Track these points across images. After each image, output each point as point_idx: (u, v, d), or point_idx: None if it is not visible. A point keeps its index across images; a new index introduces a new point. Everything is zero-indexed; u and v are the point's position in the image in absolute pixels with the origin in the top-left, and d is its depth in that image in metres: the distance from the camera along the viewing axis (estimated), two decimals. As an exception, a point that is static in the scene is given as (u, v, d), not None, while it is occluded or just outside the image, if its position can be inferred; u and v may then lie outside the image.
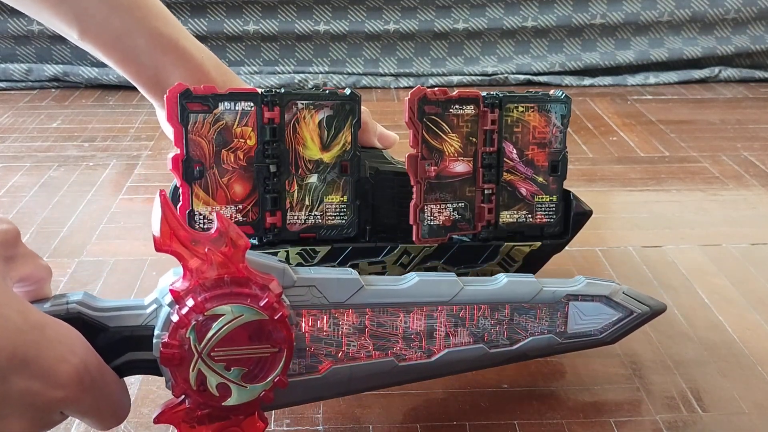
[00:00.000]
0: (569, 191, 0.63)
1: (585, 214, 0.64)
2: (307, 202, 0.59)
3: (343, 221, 0.60)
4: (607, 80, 1.38)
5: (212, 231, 0.43)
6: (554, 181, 0.62)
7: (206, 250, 0.43)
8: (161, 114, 0.64)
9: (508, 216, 0.62)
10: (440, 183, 0.59)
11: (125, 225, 0.83)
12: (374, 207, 0.61)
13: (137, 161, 1.01)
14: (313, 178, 0.59)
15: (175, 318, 0.43)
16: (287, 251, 0.59)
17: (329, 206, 0.59)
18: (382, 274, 0.61)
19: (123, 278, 0.72)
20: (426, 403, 0.55)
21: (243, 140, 0.57)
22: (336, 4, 1.37)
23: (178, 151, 0.57)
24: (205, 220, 0.58)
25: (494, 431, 0.53)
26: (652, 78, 1.39)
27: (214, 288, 0.43)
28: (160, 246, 0.42)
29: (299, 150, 0.58)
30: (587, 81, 1.38)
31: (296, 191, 0.59)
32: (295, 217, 0.59)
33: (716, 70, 1.40)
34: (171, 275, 0.45)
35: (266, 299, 0.43)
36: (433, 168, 0.58)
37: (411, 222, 0.59)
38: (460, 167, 0.60)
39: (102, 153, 1.04)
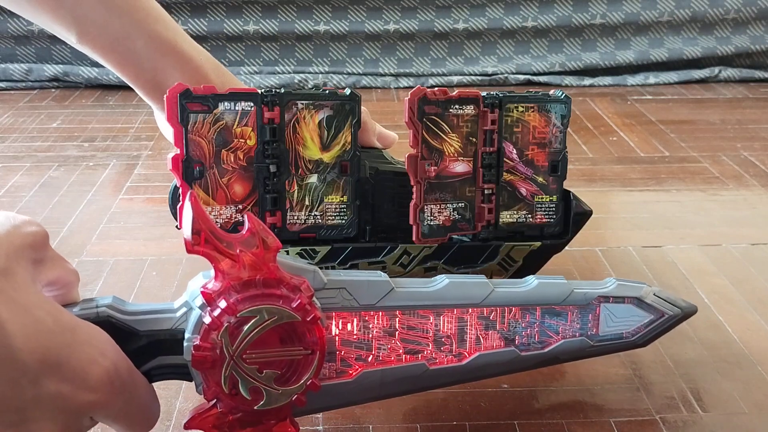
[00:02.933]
0: (569, 191, 0.63)
1: (585, 214, 0.64)
2: (307, 202, 0.59)
3: (343, 221, 0.60)
4: (607, 80, 1.38)
5: (243, 232, 0.43)
6: (554, 181, 0.62)
7: (237, 251, 0.42)
8: (160, 117, 0.64)
9: (508, 216, 0.62)
10: (440, 183, 0.59)
11: (125, 225, 0.83)
12: (374, 207, 0.61)
13: (137, 161, 1.01)
14: (313, 178, 0.59)
15: (207, 320, 0.42)
16: (287, 251, 0.59)
17: (329, 206, 0.59)
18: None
19: (123, 278, 0.72)
20: (426, 403, 0.55)
21: (243, 140, 0.57)
22: (336, 4, 1.37)
23: (178, 151, 0.57)
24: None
25: (494, 431, 0.53)
26: (652, 78, 1.39)
27: (246, 289, 0.42)
28: (191, 248, 0.41)
29: (299, 150, 0.58)
30: (587, 81, 1.38)
31: (296, 191, 0.59)
32: (295, 217, 0.59)
33: (716, 70, 1.40)
34: (201, 278, 0.44)
35: (298, 300, 0.43)
36: (433, 168, 0.58)
37: (411, 222, 0.59)
38: (460, 167, 0.60)
39: (102, 153, 1.04)
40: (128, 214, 0.86)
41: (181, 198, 0.58)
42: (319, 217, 0.59)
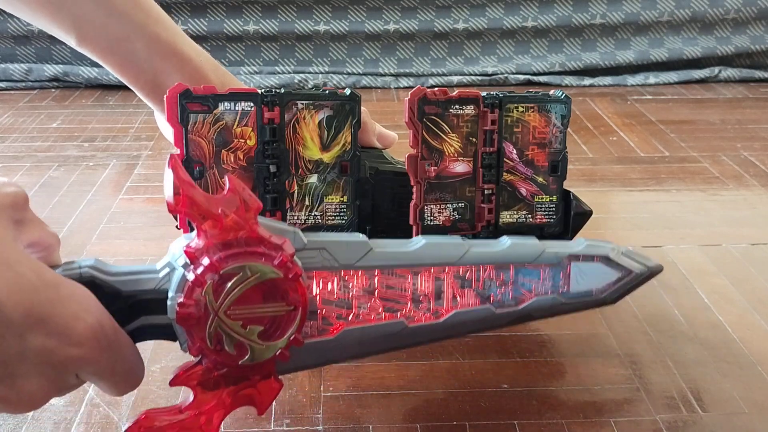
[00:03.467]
0: (569, 191, 0.63)
1: (585, 214, 0.64)
2: (307, 203, 0.59)
3: (343, 221, 0.60)
4: (607, 80, 1.38)
5: (224, 192, 0.43)
6: (554, 181, 0.62)
7: (219, 211, 0.43)
8: (160, 118, 0.64)
9: (508, 216, 0.62)
10: (440, 183, 0.59)
11: (125, 225, 0.83)
12: (374, 207, 0.61)
13: (137, 161, 1.01)
14: (313, 178, 0.59)
15: (191, 277, 0.43)
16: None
17: (329, 206, 0.59)
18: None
19: (123, 278, 0.72)
20: (426, 403, 0.55)
21: (243, 140, 0.57)
22: (336, 4, 1.37)
23: (178, 152, 0.57)
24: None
25: (494, 431, 0.53)
26: (652, 78, 1.39)
27: (229, 248, 0.43)
28: (173, 208, 0.42)
29: (299, 150, 0.58)
30: (587, 81, 1.38)
31: (296, 191, 0.59)
32: (295, 218, 0.59)
33: (716, 70, 1.40)
34: (182, 240, 0.45)
35: (280, 258, 0.44)
36: (433, 168, 0.58)
37: (411, 222, 0.59)
38: (460, 167, 0.60)
39: (102, 153, 1.04)
40: (128, 214, 0.86)
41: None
42: (319, 217, 0.59)
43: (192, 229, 0.56)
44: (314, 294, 0.48)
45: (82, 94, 1.32)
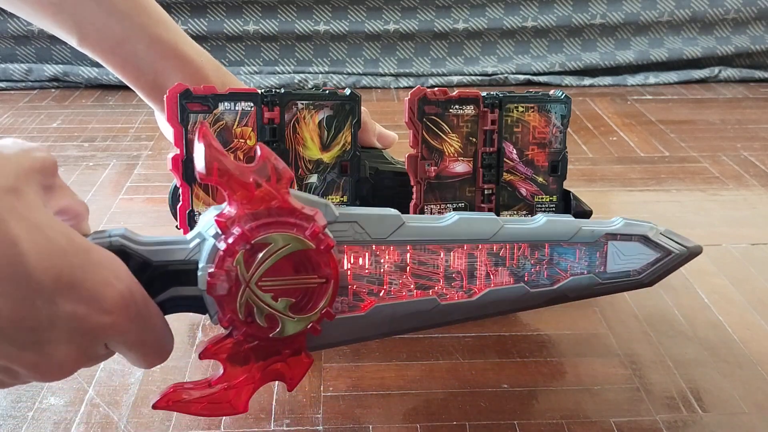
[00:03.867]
0: (569, 191, 0.63)
1: (585, 214, 0.64)
2: (307, 202, 0.59)
3: (343, 221, 0.60)
4: (607, 80, 1.38)
5: (256, 161, 0.43)
6: (554, 181, 0.62)
7: (251, 180, 0.42)
8: (161, 118, 0.64)
9: (508, 216, 0.62)
10: (440, 183, 0.59)
11: (125, 225, 0.83)
12: (374, 207, 0.61)
13: (137, 161, 1.01)
14: (313, 179, 0.59)
15: (222, 246, 0.42)
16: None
17: (329, 206, 0.59)
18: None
19: (123, 278, 0.72)
20: (426, 403, 0.55)
21: (243, 140, 0.57)
22: (336, 4, 1.37)
23: (178, 152, 0.57)
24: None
25: (494, 431, 0.53)
26: (652, 78, 1.39)
27: (260, 217, 0.42)
28: (205, 177, 0.42)
29: (299, 150, 0.58)
30: (587, 81, 1.38)
31: (296, 191, 0.59)
32: (295, 217, 0.59)
33: (716, 70, 1.40)
34: (212, 211, 0.44)
35: (312, 229, 0.43)
36: (433, 168, 0.58)
37: (411, 222, 0.59)
38: (460, 167, 0.60)
39: (102, 153, 1.04)
40: (128, 214, 0.86)
41: (181, 198, 0.58)
42: (319, 217, 0.59)
43: (191, 228, 0.56)
44: (345, 269, 0.47)
45: (82, 94, 1.32)
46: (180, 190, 0.58)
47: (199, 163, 0.42)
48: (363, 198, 0.60)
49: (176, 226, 0.61)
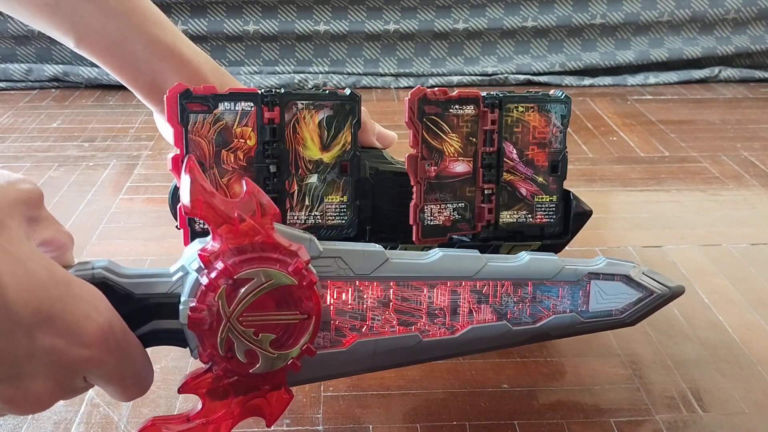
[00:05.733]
0: (569, 191, 0.63)
1: (585, 214, 0.64)
2: (307, 203, 0.59)
3: (343, 221, 0.60)
4: (607, 80, 1.38)
5: (242, 196, 0.43)
6: (554, 181, 0.62)
7: (235, 214, 0.42)
8: (159, 119, 0.64)
9: (508, 216, 0.62)
10: (440, 183, 0.59)
11: (125, 225, 0.83)
12: (374, 207, 0.61)
13: (137, 161, 1.01)
14: (313, 179, 0.59)
15: (204, 281, 0.42)
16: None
17: (329, 206, 0.59)
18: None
19: (123, 278, 0.72)
20: (426, 403, 0.55)
21: (243, 140, 0.57)
22: (336, 4, 1.37)
23: (178, 152, 0.57)
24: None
25: (494, 431, 0.53)
26: (652, 78, 1.39)
27: (244, 252, 0.43)
28: (190, 211, 0.42)
29: (299, 150, 0.58)
30: (587, 81, 1.38)
31: (296, 191, 0.59)
32: (295, 218, 0.59)
33: (716, 70, 1.40)
34: (197, 244, 0.45)
35: (295, 265, 0.43)
36: (433, 168, 0.58)
37: (411, 222, 0.59)
38: (460, 167, 0.60)
39: (102, 153, 1.04)
40: (128, 214, 0.86)
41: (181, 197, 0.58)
42: (319, 217, 0.59)
43: (191, 228, 0.56)
44: (328, 304, 0.48)
45: (82, 94, 1.32)
46: (180, 191, 0.58)
47: (185, 198, 0.42)
48: (363, 198, 0.60)
49: (176, 226, 0.61)
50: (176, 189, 0.61)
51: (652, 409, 0.55)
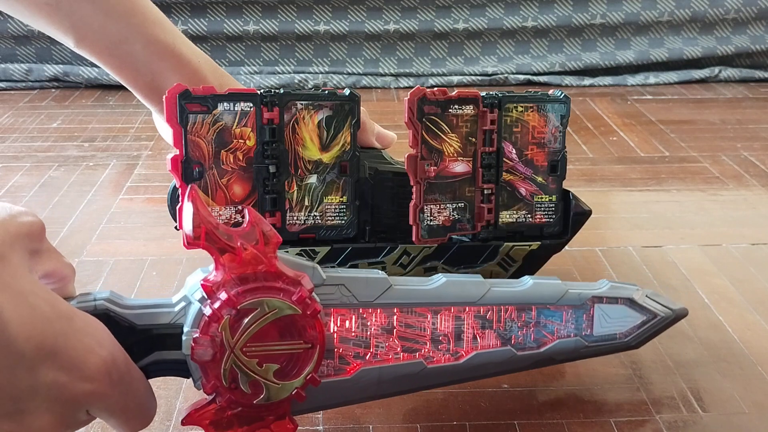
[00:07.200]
0: (569, 191, 0.63)
1: (584, 214, 0.64)
2: (306, 203, 0.59)
3: (343, 222, 0.60)
4: (607, 80, 1.38)
5: (244, 225, 0.43)
6: (554, 181, 0.62)
7: (238, 244, 0.42)
8: (159, 119, 0.64)
9: (508, 216, 0.62)
10: (440, 183, 0.59)
11: (125, 225, 0.83)
12: (374, 207, 0.61)
13: (137, 161, 1.01)
14: (313, 179, 0.59)
15: (207, 312, 0.42)
16: (287, 251, 0.59)
17: (329, 207, 0.59)
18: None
19: (123, 278, 0.72)
20: (426, 403, 0.55)
21: (242, 141, 0.57)
22: (336, 4, 1.37)
23: (178, 152, 0.57)
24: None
25: (494, 431, 0.53)
26: (652, 78, 1.38)
27: (247, 282, 0.42)
28: (192, 241, 0.41)
29: (298, 150, 0.58)
30: (587, 81, 1.38)
31: (295, 192, 0.59)
32: (295, 218, 0.59)
33: (716, 70, 1.40)
34: (199, 273, 0.44)
35: (299, 294, 0.43)
36: (432, 168, 0.58)
37: (411, 222, 0.59)
38: (460, 167, 0.60)
39: (102, 153, 1.04)
40: (128, 214, 0.86)
41: (180, 198, 0.58)
42: (318, 217, 0.59)
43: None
44: (332, 332, 0.47)
45: (82, 94, 1.32)
46: (179, 191, 0.58)
47: (187, 227, 0.42)
48: (362, 199, 0.60)
49: (175, 227, 0.61)
50: (175, 189, 0.61)
51: (652, 409, 0.55)
